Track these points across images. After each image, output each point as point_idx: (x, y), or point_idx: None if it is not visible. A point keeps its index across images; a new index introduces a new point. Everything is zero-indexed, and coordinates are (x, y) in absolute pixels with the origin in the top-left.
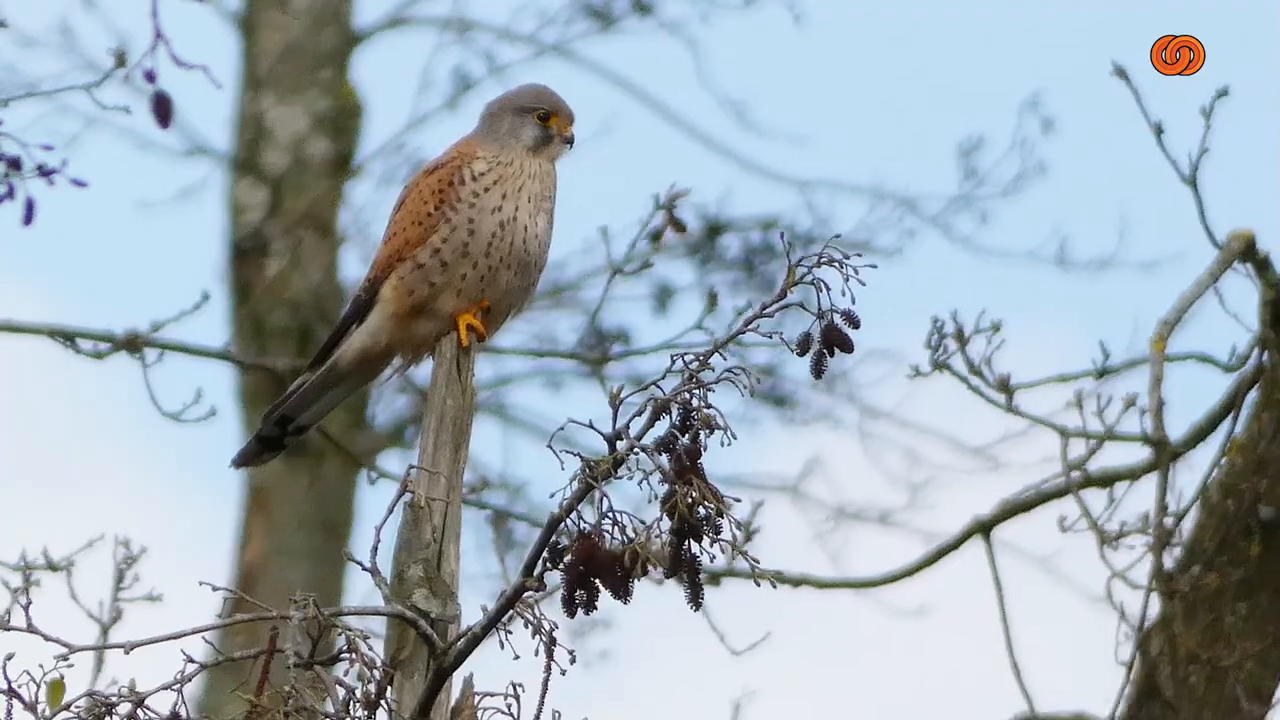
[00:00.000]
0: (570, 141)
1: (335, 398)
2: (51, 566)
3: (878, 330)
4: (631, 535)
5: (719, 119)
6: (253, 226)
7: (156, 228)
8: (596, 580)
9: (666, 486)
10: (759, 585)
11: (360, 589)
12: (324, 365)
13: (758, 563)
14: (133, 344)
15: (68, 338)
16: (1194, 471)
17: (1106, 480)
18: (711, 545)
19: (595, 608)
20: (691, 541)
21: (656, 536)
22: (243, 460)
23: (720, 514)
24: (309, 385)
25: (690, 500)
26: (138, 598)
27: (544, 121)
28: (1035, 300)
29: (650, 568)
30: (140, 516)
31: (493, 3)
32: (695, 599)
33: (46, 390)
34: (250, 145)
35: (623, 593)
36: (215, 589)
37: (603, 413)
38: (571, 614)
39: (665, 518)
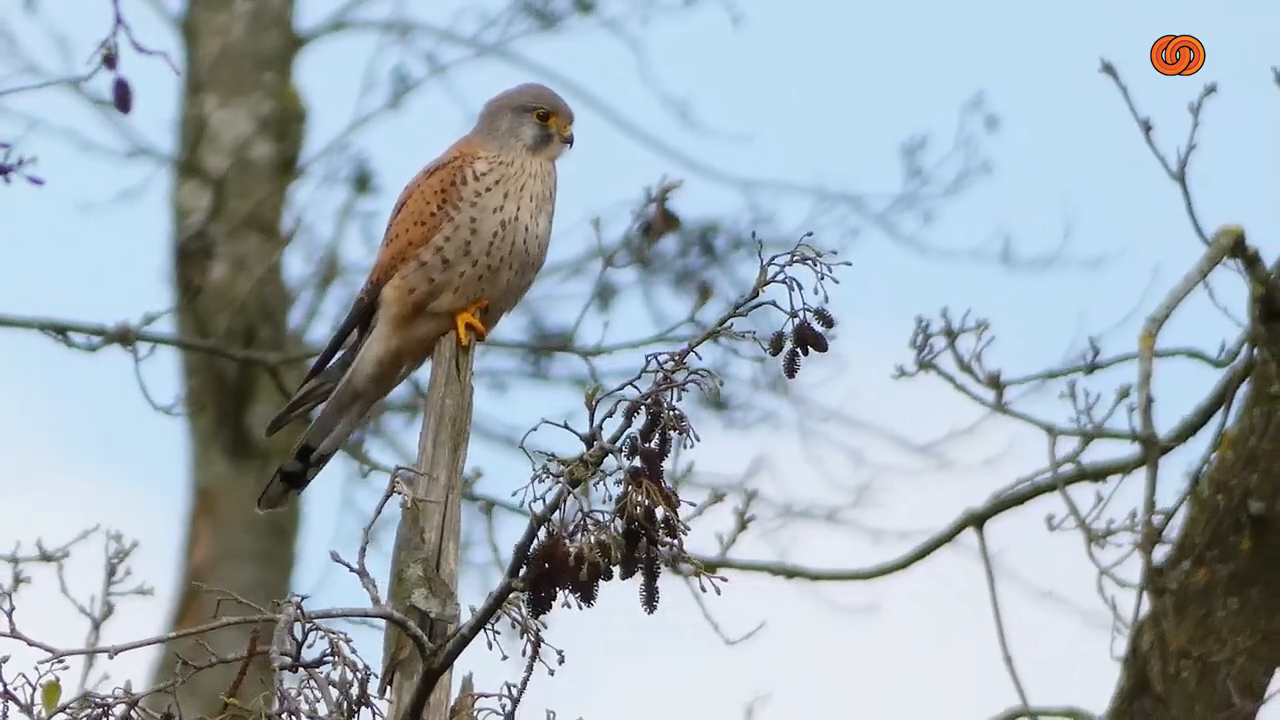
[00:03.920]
0: (570, 141)
1: (353, 419)
2: (46, 558)
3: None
4: (599, 535)
5: (661, 119)
6: (196, 228)
7: (99, 230)
8: (557, 585)
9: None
10: (705, 591)
11: (306, 591)
12: (336, 385)
13: (702, 568)
14: (125, 338)
15: (59, 331)
16: (1185, 466)
17: (1098, 475)
18: (664, 548)
19: (550, 608)
20: (646, 544)
21: (609, 538)
22: (270, 501)
23: (674, 518)
24: (326, 411)
25: (642, 504)
26: (129, 591)
27: (543, 121)
28: (980, 299)
29: (610, 571)
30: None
31: (434, 5)
32: (650, 601)
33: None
34: (193, 147)
35: (587, 597)
36: (207, 590)
37: (543, 413)
38: (536, 615)
39: (617, 520)
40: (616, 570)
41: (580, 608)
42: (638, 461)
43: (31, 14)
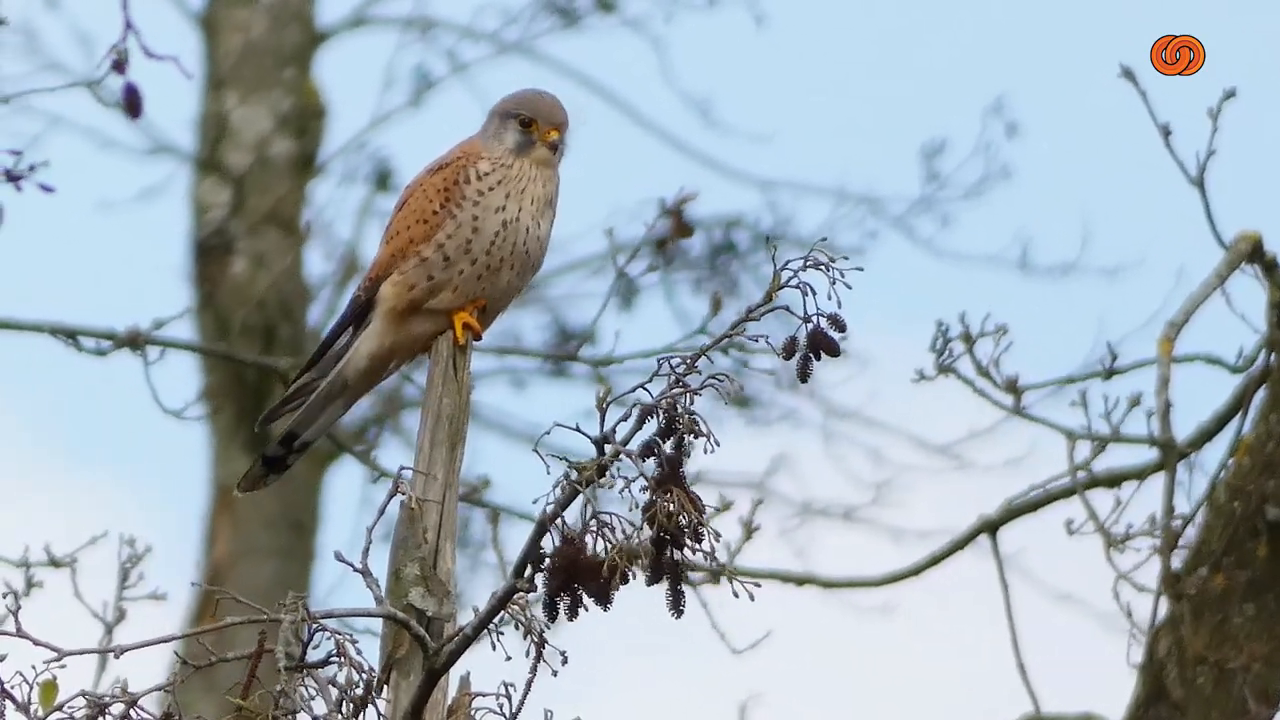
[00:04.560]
0: (553, 147)
1: (339, 409)
2: (54, 563)
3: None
4: (619, 539)
5: (682, 117)
6: (216, 225)
7: (119, 227)
8: (579, 587)
9: (648, 495)
10: (737, 596)
11: (325, 588)
12: (328, 376)
13: (736, 575)
14: (134, 342)
15: (70, 335)
16: (1201, 471)
17: (1114, 480)
18: (693, 554)
19: (578, 613)
20: (673, 550)
21: (638, 544)
22: (250, 484)
23: (700, 524)
24: (314, 400)
25: (670, 511)
26: (142, 596)
27: (525, 127)
28: (997, 304)
29: (632, 575)
30: (103, 515)
31: (455, 2)
32: (676, 606)
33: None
34: (213, 144)
35: (604, 600)
36: (208, 589)
37: (568, 414)
38: (553, 619)
39: (646, 526)
40: (638, 575)
41: (603, 609)
42: (659, 467)
43: (53, 10)
